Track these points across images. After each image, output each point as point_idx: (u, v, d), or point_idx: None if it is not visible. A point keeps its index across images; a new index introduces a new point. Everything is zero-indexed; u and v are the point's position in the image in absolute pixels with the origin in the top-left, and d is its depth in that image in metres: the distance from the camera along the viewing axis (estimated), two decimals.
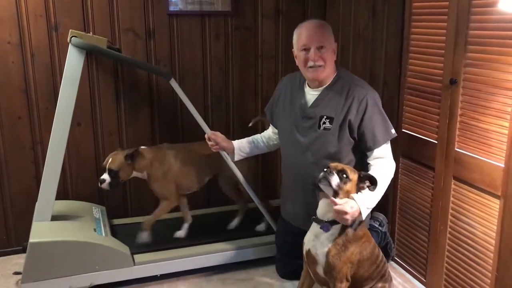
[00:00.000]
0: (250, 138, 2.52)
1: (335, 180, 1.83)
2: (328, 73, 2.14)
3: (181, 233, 2.74)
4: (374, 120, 2.08)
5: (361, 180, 1.91)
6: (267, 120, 2.53)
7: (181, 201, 2.79)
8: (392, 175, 2.10)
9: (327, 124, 2.11)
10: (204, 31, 2.98)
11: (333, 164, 1.90)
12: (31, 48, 2.68)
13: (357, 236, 1.90)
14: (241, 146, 2.48)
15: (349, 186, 1.87)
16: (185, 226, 2.77)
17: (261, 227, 2.83)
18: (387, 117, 2.14)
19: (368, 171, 2.07)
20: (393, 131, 2.14)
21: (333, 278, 1.89)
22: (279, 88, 2.40)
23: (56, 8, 2.67)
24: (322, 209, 1.92)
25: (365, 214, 1.93)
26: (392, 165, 2.12)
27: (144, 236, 2.62)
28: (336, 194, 1.85)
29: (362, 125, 2.08)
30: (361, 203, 1.89)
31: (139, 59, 2.85)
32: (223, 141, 2.45)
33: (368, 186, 1.92)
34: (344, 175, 1.85)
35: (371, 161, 2.12)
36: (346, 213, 1.82)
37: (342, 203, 1.84)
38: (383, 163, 2.09)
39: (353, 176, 1.88)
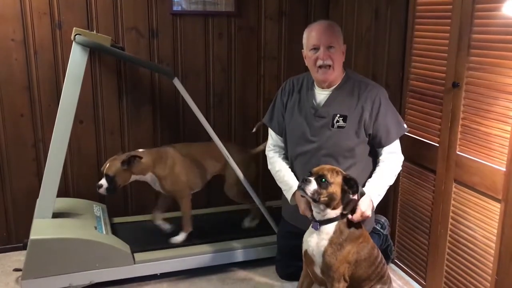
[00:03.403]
0: (286, 167, 2.30)
1: (310, 188, 1.84)
2: (337, 74, 2.16)
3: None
4: (388, 117, 2.14)
5: (346, 182, 1.88)
6: (274, 131, 2.38)
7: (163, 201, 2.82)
8: (400, 168, 2.20)
9: (341, 123, 2.13)
10: (207, 31, 2.99)
11: (315, 169, 1.90)
12: (35, 45, 2.68)
13: (354, 236, 1.91)
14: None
15: (331, 189, 1.85)
16: (167, 226, 2.78)
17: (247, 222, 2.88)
18: (398, 113, 2.22)
19: (378, 165, 2.19)
20: (405, 125, 2.22)
21: (331, 278, 1.90)
22: (285, 93, 2.33)
23: (60, 6, 2.68)
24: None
25: (377, 201, 2.07)
26: (401, 158, 2.21)
27: (182, 237, 2.65)
28: (314, 200, 1.86)
29: (377, 123, 2.14)
30: (371, 192, 2.04)
31: (142, 58, 2.85)
32: (306, 207, 2.09)
33: (353, 194, 1.91)
34: (323, 180, 1.85)
35: (381, 156, 2.19)
36: (365, 214, 1.96)
37: (359, 213, 1.92)
38: (392, 158, 2.18)
39: (335, 179, 1.86)
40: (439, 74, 2.23)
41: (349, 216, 1.92)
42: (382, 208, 2.62)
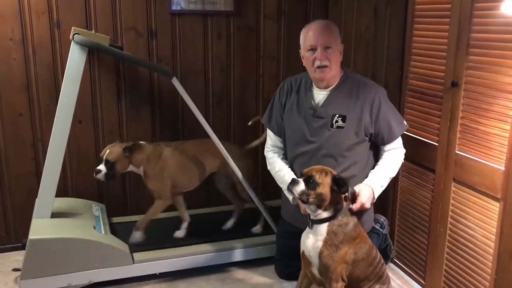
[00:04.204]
0: (286, 167, 2.31)
1: (298, 189, 1.84)
2: (334, 74, 2.16)
3: (180, 233, 2.74)
4: (388, 116, 2.15)
5: (335, 182, 1.87)
6: (273, 131, 2.38)
7: (178, 199, 2.79)
8: (402, 161, 2.23)
9: (340, 123, 2.13)
10: (206, 30, 2.98)
11: (305, 170, 1.90)
12: (33, 45, 2.68)
13: (350, 237, 1.90)
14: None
15: (319, 189, 1.84)
16: (184, 225, 2.77)
17: (257, 228, 2.84)
18: (397, 111, 2.24)
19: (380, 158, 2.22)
20: (405, 122, 2.24)
21: (328, 279, 1.89)
22: (283, 93, 2.33)
23: (58, 5, 2.67)
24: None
25: (378, 192, 2.10)
26: (403, 151, 2.23)
27: (137, 236, 2.61)
28: (303, 201, 1.87)
29: (378, 123, 2.15)
30: (372, 183, 2.08)
31: (141, 57, 2.85)
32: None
33: (343, 193, 1.89)
34: (311, 180, 1.84)
35: (383, 152, 2.21)
36: (364, 206, 2.00)
37: (359, 203, 1.96)
38: (394, 151, 2.20)
39: (324, 179, 1.85)
40: (438, 74, 2.23)
41: (350, 206, 1.94)
42: (382, 207, 2.62)
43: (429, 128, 2.34)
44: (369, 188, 2.05)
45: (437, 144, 2.27)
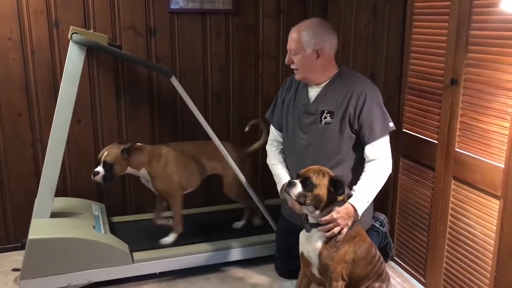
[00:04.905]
0: (281, 161, 2.34)
1: (295, 191, 1.82)
2: (306, 76, 2.16)
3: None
4: (372, 113, 2.09)
5: (332, 183, 1.85)
6: (274, 126, 2.41)
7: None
8: (388, 172, 2.09)
9: (328, 119, 2.12)
10: (205, 29, 2.98)
11: (302, 171, 1.88)
12: (32, 45, 2.68)
13: (349, 236, 1.90)
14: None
15: (316, 191, 1.82)
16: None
17: (238, 224, 2.86)
18: (386, 111, 2.14)
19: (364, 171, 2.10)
20: (391, 124, 2.14)
21: (329, 278, 1.89)
22: (284, 89, 2.36)
23: (57, 5, 2.67)
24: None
25: (363, 208, 1.97)
26: (388, 163, 2.10)
27: (171, 239, 2.63)
28: (300, 203, 1.86)
29: (360, 117, 2.08)
30: (352, 200, 1.93)
31: (140, 56, 2.85)
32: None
33: (339, 195, 1.87)
34: (308, 182, 1.83)
35: (367, 158, 2.11)
36: (336, 222, 1.87)
37: (328, 216, 1.87)
38: (378, 162, 2.08)
39: (321, 180, 1.83)
40: (438, 71, 2.23)
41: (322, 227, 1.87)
42: (381, 205, 2.62)
43: (428, 126, 2.33)
44: (347, 205, 1.92)
45: (436, 142, 2.27)
